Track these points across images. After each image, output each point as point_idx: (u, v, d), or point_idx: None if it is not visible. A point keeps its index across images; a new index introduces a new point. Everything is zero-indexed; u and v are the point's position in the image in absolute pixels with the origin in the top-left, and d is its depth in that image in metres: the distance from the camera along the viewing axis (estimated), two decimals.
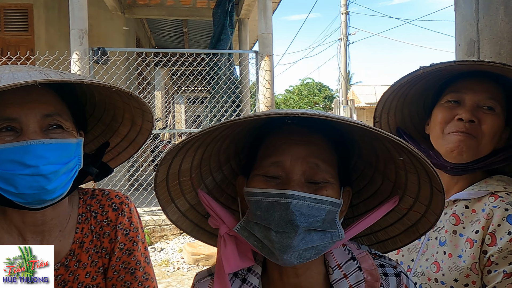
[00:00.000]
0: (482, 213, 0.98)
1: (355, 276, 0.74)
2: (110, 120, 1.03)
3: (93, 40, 5.63)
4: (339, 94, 18.25)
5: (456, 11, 1.30)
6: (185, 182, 0.78)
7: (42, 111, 0.83)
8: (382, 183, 0.82)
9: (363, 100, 23.38)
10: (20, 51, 5.61)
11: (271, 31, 5.45)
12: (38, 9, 6.98)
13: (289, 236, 0.65)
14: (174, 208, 0.80)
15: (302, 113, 0.59)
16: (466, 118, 0.98)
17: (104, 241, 0.99)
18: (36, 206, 0.84)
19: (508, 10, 1.16)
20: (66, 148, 0.85)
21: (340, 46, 17.34)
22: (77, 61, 4.71)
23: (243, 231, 0.73)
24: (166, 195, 0.78)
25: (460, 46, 1.27)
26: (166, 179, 0.75)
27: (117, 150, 1.06)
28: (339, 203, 0.71)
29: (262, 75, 5.39)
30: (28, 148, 0.79)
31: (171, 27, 10.42)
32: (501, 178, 1.03)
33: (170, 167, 0.73)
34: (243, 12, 7.71)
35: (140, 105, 0.92)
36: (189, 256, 4.46)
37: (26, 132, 0.81)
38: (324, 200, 0.68)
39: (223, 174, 0.84)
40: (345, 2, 17.11)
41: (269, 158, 0.72)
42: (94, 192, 1.02)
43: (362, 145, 0.81)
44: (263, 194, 0.69)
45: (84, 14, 4.78)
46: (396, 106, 1.14)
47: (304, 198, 0.66)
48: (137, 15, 8.04)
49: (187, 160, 0.74)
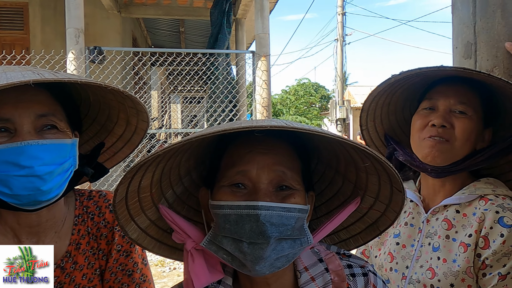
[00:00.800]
0: (474, 217, 0.99)
1: (322, 278, 0.74)
2: (105, 120, 1.02)
3: (89, 39, 5.61)
4: (335, 94, 18.30)
5: (453, 13, 1.30)
6: (145, 198, 0.75)
7: (36, 111, 0.82)
8: (342, 184, 0.83)
9: (359, 100, 23.44)
10: (16, 49, 5.57)
11: (268, 31, 5.45)
12: (33, 8, 6.94)
13: (262, 247, 0.65)
14: (134, 226, 0.77)
15: (270, 125, 0.58)
16: (438, 124, 1.01)
17: (101, 242, 0.98)
18: (31, 208, 0.83)
19: (505, 13, 1.17)
20: (61, 149, 0.84)
21: (337, 47, 17.37)
22: (73, 60, 4.69)
23: (211, 245, 0.71)
24: (126, 214, 0.75)
25: (457, 49, 1.28)
26: (125, 197, 0.72)
27: (112, 150, 1.05)
28: (307, 209, 0.71)
29: (259, 75, 5.39)
30: (23, 149, 0.78)
31: (168, 27, 10.40)
32: (488, 181, 1.05)
33: (129, 185, 0.70)
34: (240, 12, 7.71)
35: (135, 105, 0.91)
36: None
37: (20, 132, 0.80)
38: (293, 208, 0.68)
39: (184, 186, 0.82)
40: (342, 3, 17.15)
41: (234, 168, 0.70)
42: (91, 194, 1.02)
43: (322, 149, 0.81)
44: (230, 207, 0.67)
45: (80, 13, 4.76)
46: (381, 114, 1.17)
47: (273, 208, 0.66)
48: (134, 14, 8.02)
49: (147, 176, 0.72)
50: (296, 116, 26.30)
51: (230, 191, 0.70)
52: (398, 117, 1.20)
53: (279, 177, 0.70)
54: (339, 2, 17.11)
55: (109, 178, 5.22)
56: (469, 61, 1.23)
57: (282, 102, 29.19)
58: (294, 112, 27.72)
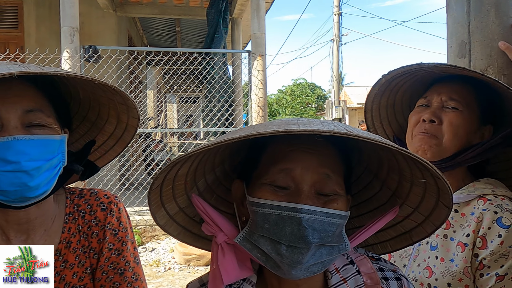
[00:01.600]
0: (472, 217, 0.99)
1: (354, 280, 0.73)
2: (96, 117, 1.01)
3: (84, 38, 5.57)
4: (332, 95, 18.33)
5: (447, 13, 1.30)
6: (178, 186, 0.75)
7: (24, 107, 0.81)
8: (380, 190, 0.80)
9: (355, 100, 23.50)
10: (10, 48, 5.51)
11: (264, 31, 5.44)
12: (28, 6, 6.90)
13: (301, 252, 0.63)
14: (163, 213, 0.77)
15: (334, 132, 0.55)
16: (427, 119, 1.03)
17: (92, 241, 0.97)
18: (19, 204, 0.82)
19: (499, 12, 1.17)
20: (49, 144, 0.83)
21: (333, 47, 17.41)
22: (68, 59, 4.66)
23: (245, 242, 0.69)
24: (158, 200, 0.75)
25: (451, 48, 1.28)
26: (161, 184, 0.72)
27: (104, 148, 1.04)
28: (347, 216, 0.68)
29: (255, 75, 5.39)
30: (9, 144, 0.77)
31: (164, 26, 10.37)
32: (488, 181, 1.04)
33: (168, 173, 0.70)
34: (236, 12, 7.71)
35: (125, 100, 0.89)
36: (180, 256, 4.44)
37: (7, 127, 0.78)
38: (335, 214, 0.65)
39: (216, 175, 0.82)
40: (338, 3, 17.19)
41: (276, 165, 0.68)
42: (82, 192, 1.01)
43: (364, 152, 0.78)
44: (272, 207, 0.65)
45: (75, 11, 4.73)
46: (388, 115, 1.17)
47: (316, 213, 0.63)
48: (129, 14, 7.99)
49: (186, 166, 0.71)
50: (292, 116, 26.31)
51: (271, 189, 0.67)
52: (405, 117, 1.19)
53: (323, 180, 0.67)
54: (335, 2, 17.15)
55: (104, 178, 5.20)
56: (463, 60, 1.23)
57: (278, 102, 29.20)
58: (290, 112, 27.75)
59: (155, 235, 5.08)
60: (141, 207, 5.26)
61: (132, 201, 5.16)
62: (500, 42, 1.15)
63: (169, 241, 4.99)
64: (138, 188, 5.41)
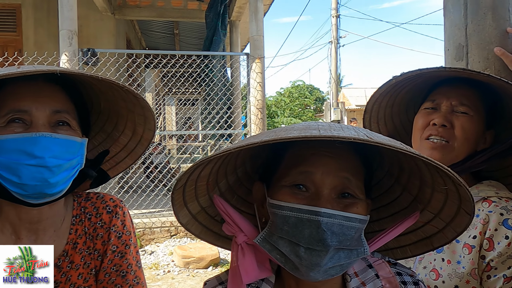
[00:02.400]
0: (477, 219, 0.99)
1: (373, 284, 0.73)
2: (112, 129, 1.05)
3: (83, 41, 5.58)
4: (330, 96, 18.35)
5: (445, 16, 1.31)
6: (201, 186, 0.76)
7: (52, 107, 0.86)
8: (401, 194, 0.80)
9: (354, 102, 23.56)
10: (8, 51, 5.53)
11: (263, 33, 5.46)
12: (26, 9, 6.90)
13: (320, 255, 0.64)
14: (186, 212, 0.79)
15: (354, 138, 0.55)
16: (439, 123, 1.02)
17: (97, 242, 0.99)
18: (35, 201, 0.85)
19: (496, 15, 1.18)
20: (71, 145, 0.87)
21: (331, 49, 17.45)
22: (66, 62, 4.66)
23: (265, 243, 0.70)
24: (181, 200, 0.76)
25: (449, 51, 1.29)
26: (184, 185, 0.73)
27: (115, 160, 1.08)
28: (367, 220, 0.69)
29: (253, 78, 5.39)
30: (37, 140, 0.81)
31: (162, 29, 10.38)
32: (491, 184, 1.05)
33: (191, 174, 0.71)
34: (234, 14, 7.72)
35: (144, 111, 0.94)
36: (180, 259, 4.43)
37: (35, 124, 0.83)
38: (355, 218, 0.66)
39: (237, 176, 0.83)
40: (336, 5, 17.23)
41: (297, 168, 0.69)
42: (88, 195, 1.04)
43: (385, 156, 0.78)
44: (291, 209, 0.65)
45: (74, 14, 4.73)
46: (385, 116, 1.18)
47: (335, 216, 0.64)
48: (128, 16, 7.99)
49: (209, 167, 0.72)
50: (291, 118, 26.33)
51: (291, 192, 0.68)
52: (402, 118, 1.21)
53: (343, 184, 0.67)
54: (333, 4, 17.20)
55: (107, 186, 5.19)
56: (460, 63, 1.24)
57: (276, 104, 29.21)
58: (289, 114, 27.76)
59: (154, 238, 5.08)
60: (140, 210, 5.26)
61: (131, 204, 5.16)
62: (495, 48, 1.15)
63: (168, 244, 4.99)
64: (137, 191, 5.41)
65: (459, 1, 1.24)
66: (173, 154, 10.36)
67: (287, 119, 26.04)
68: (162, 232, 5.10)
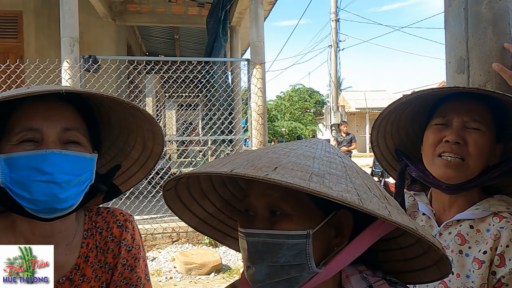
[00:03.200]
0: (488, 233, 0.99)
1: None
2: (123, 144, 1.07)
3: (84, 47, 5.61)
4: (330, 100, 18.36)
5: (446, 29, 1.33)
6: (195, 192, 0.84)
7: (63, 125, 0.89)
8: None
9: (353, 105, 23.60)
10: (10, 58, 5.54)
11: (263, 39, 5.48)
12: (27, 16, 6.94)
13: (253, 273, 0.69)
14: (190, 215, 0.84)
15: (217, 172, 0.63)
16: (452, 140, 1.02)
17: (108, 256, 1.01)
18: (47, 216, 0.87)
19: (496, 29, 1.19)
20: (81, 161, 0.89)
21: (331, 53, 17.47)
22: (67, 69, 4.68)
23: None
24: (181, 206, 0.83)
25: (450, 64, 1.30)
26: (188, 187, 0.79)
27: (127, 174, 1.10)
28: (303, 235, 0.68)
29: (254, 83, 5.42)
30: (47, 156, 0.84)
31: (162, 34, 10.43)
32: (502, 198, 1.05)
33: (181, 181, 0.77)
34: (235, 20, 7.76)
35: (152, 126, 0.96)
36: (182, 265, 4.43)
37: (46, 142, 0.86)
38: (279, 234, 0.68)
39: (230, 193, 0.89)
40: (335, 9, 17.29)
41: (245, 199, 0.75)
42: (99, 210, 1.06)
43: None
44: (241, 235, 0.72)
45: (75, 21, 4.76)
46: (392, 130, 1.17)
47: (258, 235, 0.68)
48: (128, 22, 8.04)
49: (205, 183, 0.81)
50: (291, 122, 26.36)
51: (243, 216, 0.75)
52: (408, 131, 1.21)
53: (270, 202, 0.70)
54: (332, 8, 17.25)
55: None
56: (462, 76, 1.25)
57: (276, 108, 29.23)
58: (289, 117, 27.77)
59: (156, 244, 5.08)
60: (142, 216, 5.26)
61: (132, 210, 5.16)
62: (493, 64, 1.16)
63: (170, 250, 4.99)
64: (139, 197, 5.41)
65: (459, 15, 1.25)
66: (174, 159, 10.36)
67: (287, 123, 26.06)
68: (164, 238, 5.10)
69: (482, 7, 1.21)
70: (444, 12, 1.34)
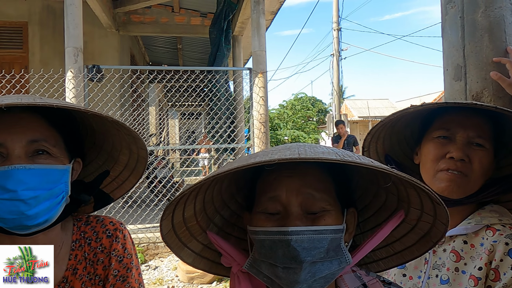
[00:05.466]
0: (482, 248, 0.98)
1: None
2: (111, 148, 1.03)
3: (88, 57, 5.66)
4: (332, 108, 18.38)
5: (443, 37, 1.34)
6: (192, 226, 0.79)
7: (28, 137, 0.84)
8: (387, 197, 0.82)
9: (356, 114, 23.60)
10: (15, 68, 5.61)
11: (265, 48, 5.52)
12: (32, 27, 7.03)
13: (295, 272, 0.66)
14: (188, 252, 0.81)
15: (300, 158, 0.58)
16: (457, 157, 0.99)
17: (97, 268, 0.98)
18: (21, 232, 0.84)
19: (493, 37, 1.21)
20: (50, 174, 0.84)
21: (333, 62, 17.56)
22: (71, 79, 4.72)
23: (252, 268, 0.73)
24: (177, 242, 0.78)
25: (448, 71, 1.31)
26: (172, 229, 0.76)
27: (120, 179, 1.07)
28: (342, 229, 0.71)
29: (256, 92, 5.44)
30: (9, 173, 0.79)
31: (165, 44, 10.52)
32: (493, 209, 1.04)
33: (173, 219, 0.74)
34: (237, 30, 7.82)
35: (129, 132, 0.92)
36: (184, 274, 4.42)
37: (11, 157, 0.81)
38: (324, 229, 0.68)
39: (231, 210, 0.85)
40: (337, 19, 17.40)
41: (265, 194, 0.73)
42: (88, 219, 1.03)
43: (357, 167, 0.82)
44: (264, 233, 0.69)
45: (79, 32, 4.81)
46: (384, 135, 1.17)
47: (303, 232, 0.66)
48: (132, 32, 8.12)
49: (189, 208, 0.75)
50: (293, 131, 26.35)
51: (264, 216, 0.72)
52: (399, 137, 1.20)
53: (308, 200, 0.70)
54: (334, 18, 17.37)
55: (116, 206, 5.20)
56: (459, 83, 1.26)
57: (279, 116, 29.26)
58: (292, 126, 27.79)
59: (158, 253, 5.07)
60: (144, 225, 5.26)
61: (135, 219, 5.16)
62: (491, 73, 1.16)
63: (172, 258, 4.97)
64: (141, 205, 5.42)
65: (456, 23, 1.27)
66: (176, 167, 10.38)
67: (290, 132, 26.07)
68: (166, 247, 5.09)
69: (478, 15, 1.23)
70: (441, 20, 1.36)
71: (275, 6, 7.18)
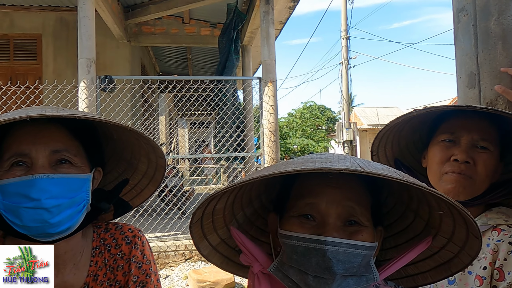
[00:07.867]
0: (487, 248, 0.99)
1: None
2: (130, 157, 1.06)
3: (100, 67, 5.76)
4: (342, 117, 18.33)
5: (456, 45, 1.35)
6: (218, 219, 0.79)
7: (52, 147, 0.87)
8: (414, 220, 0.81)
9: (366, 122, 23.48)
10: (29, 79, 5.73)
11: (274, 57, 5.56)
12: (46, 39, 7.18)
13: (327, 283, 0.65)
14: (206, 243, 0.82)
15: (345, 169, 0.57)
16: (462, 159, 1.01)
17: (117, 274, 1.00)
18: (44, 239, 0.86)
19: (506, 44, 1.21)
20: (73, 183, 0.87)
21: (342, 70, 17.55)
22: (84, 89, 4.80)
23: (277, 272, 0.72)
24: (200, 232, 0.79)
25: (461, 79, 1.31)
26: (201, 218, 0.76)
27: (139, 187, 1.09)
28: (374, 247, 0.70)
29: (265, 101, 5.47)
30: (33, 182, 0.82)
31: (175, 54, 10.64)
32: (500, 210, 1.04)
33: (206, 208, 0.74)
34: (246, 39, 7.89)
35: (148, 141, 0.94)
36: (195, 283, 4.41)
37: (35, 166, 0.84)
38: (360, 245, 0.67)
39: (254, 208, 0.86)
40: (346, 27, 17.45)
41: (303, 199, 0.72)
42: (107, 226, 1.05)
43: (393, 183, 0.78)
44: (298, 239, 0.68)
45: (92, 43, 4.91)
46: (393, 140, 1.18)
47: (340, 245, 0.66)
48: (143, 43, 8.24)
49: (222, 201, 0.75)
50: (303, 139, 26.33)
51: (299, 222, 0.71)
52: (408, 141, 1.21)
53: (348, 212, 0.69)
54: (342, 26, 17.41)
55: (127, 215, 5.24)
56: (473, 91, 1.26)
57: (288, 125, 29.28)
58: (301, 135, 27.76)
59: (169, 262, 5.07)
60: (155, 234, 5.28)
61: (146, 228, 5.18)
62: (496, 86, 1.16)
63: (182, 268, 4.97)
64: (152, 214, 5.44)
65: (469, 31, 1.27)
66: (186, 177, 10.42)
67: (299, 140, 26.03)
68: (176, 256, 5.09)
69: (491, 23, 1.23)
70: (454, 28, 1.37)
71: (284, 16, 7.24)
